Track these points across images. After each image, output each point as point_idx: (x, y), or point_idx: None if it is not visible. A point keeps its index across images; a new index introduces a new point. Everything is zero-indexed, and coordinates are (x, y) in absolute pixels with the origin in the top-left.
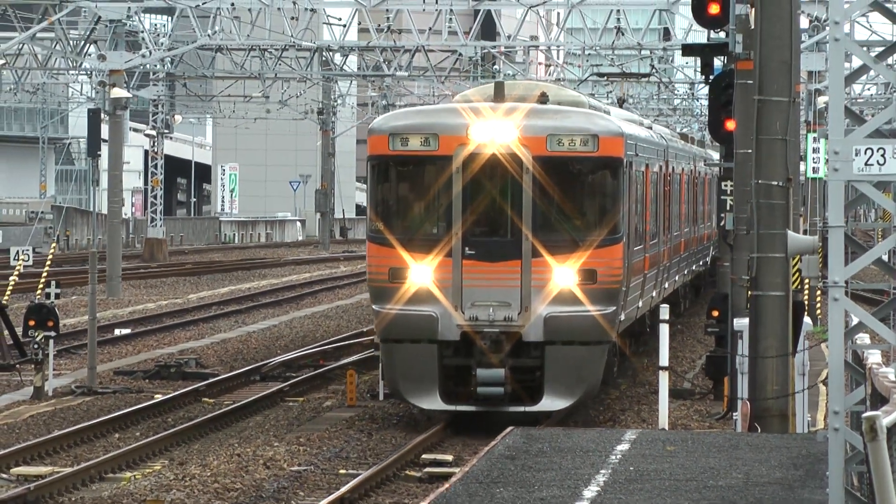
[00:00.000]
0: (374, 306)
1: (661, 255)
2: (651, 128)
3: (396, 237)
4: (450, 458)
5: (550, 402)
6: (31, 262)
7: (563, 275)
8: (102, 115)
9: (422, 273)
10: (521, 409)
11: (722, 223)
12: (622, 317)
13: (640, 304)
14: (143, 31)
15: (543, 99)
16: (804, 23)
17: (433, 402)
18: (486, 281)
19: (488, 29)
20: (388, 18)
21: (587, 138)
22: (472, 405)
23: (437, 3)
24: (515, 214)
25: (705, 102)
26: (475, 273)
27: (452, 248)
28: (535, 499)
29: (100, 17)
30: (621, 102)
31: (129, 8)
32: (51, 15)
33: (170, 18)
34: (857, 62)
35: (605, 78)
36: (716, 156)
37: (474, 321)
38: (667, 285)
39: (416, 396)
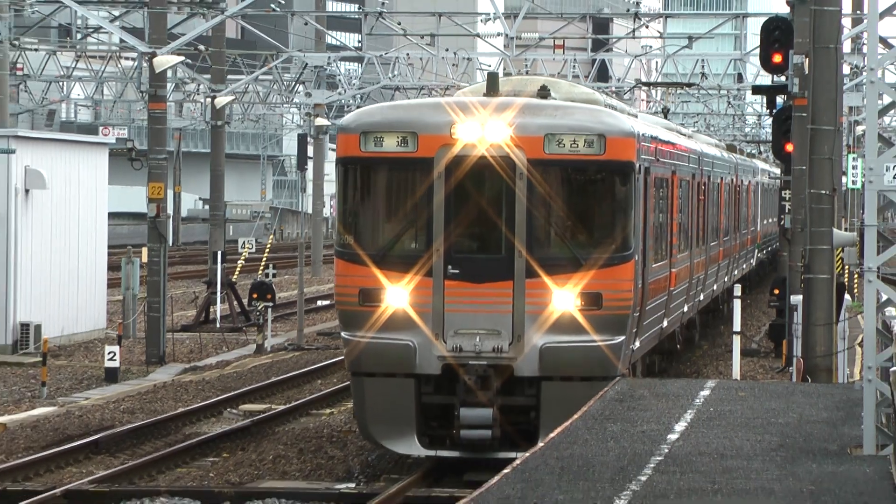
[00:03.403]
0: (343, 333)
1: (693, 267)
2: (692, 137)
3: (368, 253)
4: None
5: None
6: (254, 250)
7: (562, 298)
8: (308, 139)
9: (397, 295)
10: (514, 455)
11: (782, 223)
12: (636, 345)
13: (666, 323)
14: (339, 75)
15: (543, 93)
16: (846, 69)
17: (410, 447)
18: (472, 305)
19: (603, 73)
20: (526, 65)
21: (592, 139)
22: (456, 450)
23: (563, 53)
24: (507, 228)
25: (769, 130)
26: (459, 296)
27: (433, 267)
28: (638, 432)
29: (307, 64)
30: (665, 112)
31: (329, 57)
32: (270, 62)
33: (360, 64)
34: (887, 99)
35: (650, 87)
36: (762, 166)
37: (458, 352)
38: (702, 297)
39: (390, 439)
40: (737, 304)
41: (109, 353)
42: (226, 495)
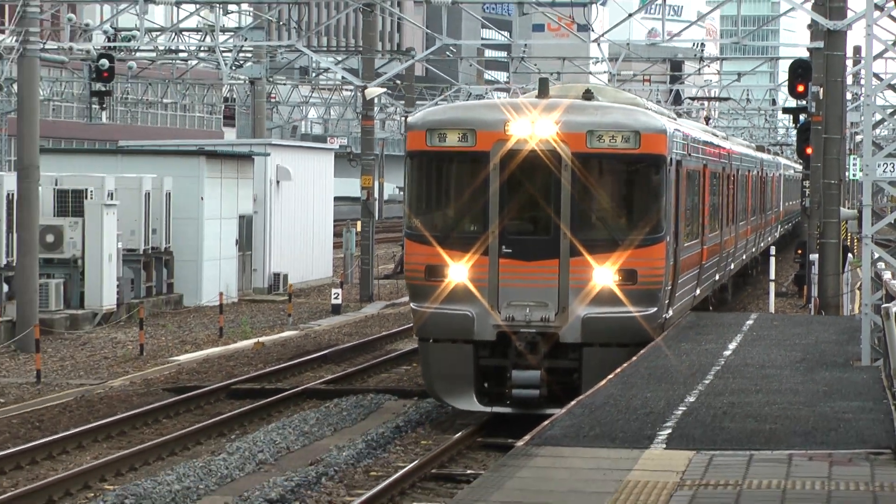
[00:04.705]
0: (411, 304)
1: (723, 244)
2: (726, 138)
3: (433, 234)
4: None
5: None
6: None
7: (602, 275)
8: None
9: (458, 271)
10: (559, 411)
11: (804, 203)
12: (669, 314)
13: (698, 291)
14: None
15: (587, 95)
16: (849, 96)
17: (469, 403)
18: (523, 280)
19: (677, 98)
20: None
21: (628, 135)
22: (508, 407)
23: (650, 85)
24: (554, 212)
25: (794, 138)
26: (512, 272)
27: (489, 247)
28: (702, 349)
29: (471, 94)
30: (707, 120)
31: (486, 89)
32: (445, 92)
33: (507, 94)
34: (878, 116)
35: (696, 100)
36: (784, 162)
37: (511, 321)
38: (733, 266)
39: (452, 397)
40: (772, 261)
41: (334, 293)
42: (414, 393)
